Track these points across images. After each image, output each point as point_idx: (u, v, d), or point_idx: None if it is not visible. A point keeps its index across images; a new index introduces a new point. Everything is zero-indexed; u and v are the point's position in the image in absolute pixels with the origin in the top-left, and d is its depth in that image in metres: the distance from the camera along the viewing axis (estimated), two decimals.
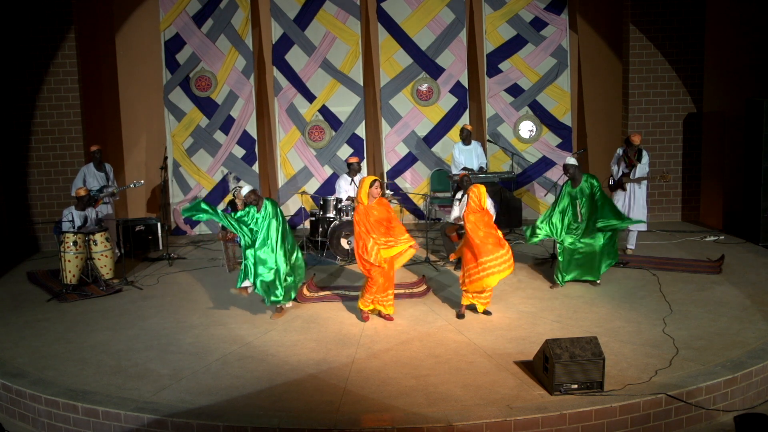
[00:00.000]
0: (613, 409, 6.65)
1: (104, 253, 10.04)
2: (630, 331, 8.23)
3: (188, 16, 12.72)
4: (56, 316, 9.15)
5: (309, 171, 13.07)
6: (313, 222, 11.44)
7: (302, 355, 7.88)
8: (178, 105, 12.80)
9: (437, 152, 13.07)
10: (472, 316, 8.82)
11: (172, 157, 12.84)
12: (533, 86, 13.07)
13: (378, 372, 7.44)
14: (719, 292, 9.35)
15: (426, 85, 13.04)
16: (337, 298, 9.50)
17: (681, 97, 12.52)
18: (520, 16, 13.00)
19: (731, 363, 7.36)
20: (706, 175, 12.71)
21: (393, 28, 12.99)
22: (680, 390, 6.85)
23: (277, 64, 12.96)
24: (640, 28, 12.31)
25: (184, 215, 8.67)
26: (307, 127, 12.99)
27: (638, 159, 10.67)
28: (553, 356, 6.82)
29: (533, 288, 9.70)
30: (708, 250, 11.04)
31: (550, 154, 13.10)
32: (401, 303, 9.10)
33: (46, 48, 11.73)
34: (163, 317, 9.04)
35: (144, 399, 6.99)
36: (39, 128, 11.89)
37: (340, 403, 6.84)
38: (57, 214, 10.69)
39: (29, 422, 7.25)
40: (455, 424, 6.40)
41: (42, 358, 7.93)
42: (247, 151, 12.85)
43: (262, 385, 7.21)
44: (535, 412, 6.54)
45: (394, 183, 13.07)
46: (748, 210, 11.50)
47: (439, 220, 12.36)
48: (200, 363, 7.74)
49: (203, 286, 10.14)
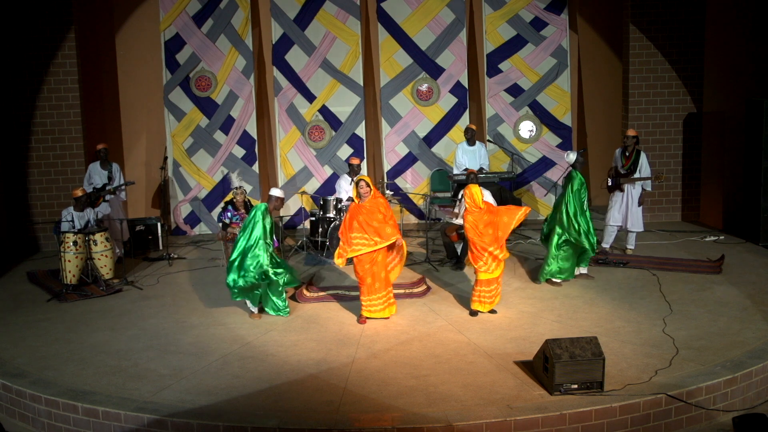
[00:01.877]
0: (613, 409, 6.65)
1: (104, 253, 10.04)
2: (630, 331, 8.23)
3: (188, 16, 12.72)
4: (56, 316, 9.15)
5: (309, 171, 13.07)
6: (313, 222, 11.44)
7: (302, 355, 7.88)
8: (178, 105, 12.80)
9: (437, 152, 13.07)
10: (472, 316, 8.82)
11: (172, 157, 12.84)
12: (533, 86, 13.07)
13: (378, 372, 7.44)
14: (719, 292, 9.35)
15: (426, 85, 13.04)
16: (336, 298, 9.50)
17: (681, 97, 12.52)
18: (520, 16, 13.01)
19: (731, 363, 7.36)
20: (706, 175, 12.72)
21: (393, 28, 12.99)
22: (680, 390, 6.85)
23: (277, 64, 12.96)
24: (640, 28, 12.31)
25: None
26: (307, 127, 12.99)
27: (635, 161, 10.67)
28: (553, 356, 6.82)
29: (533, 288, 9.70)
30: (708, 250, 11.04)
31: (550, 154, 13.10)
32: (401, 303, 9.09)
33: (46, 48, 11.73)
34: (163, 317, 9.04)
35: (144, 399, 6.98)
36: (39, 128, 11.89)
37: (340, 403, 6.84)
38: (57, 214, 10.69)
39: (29, 422, 7.25)
40: (455, 424, 6.40)
41: (42, 358, 7.93)
42: (247, 151, 12.85)
43: (262, 385, 7.21)
44: (535, 412, 6.54)
45: (394, 183, 13.07)
46: (748, 210, 11.50)
47: (439, 220, 12.36)
48: (200, 363, 7.74)
49: (203, 286, 10.14)
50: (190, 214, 12.90)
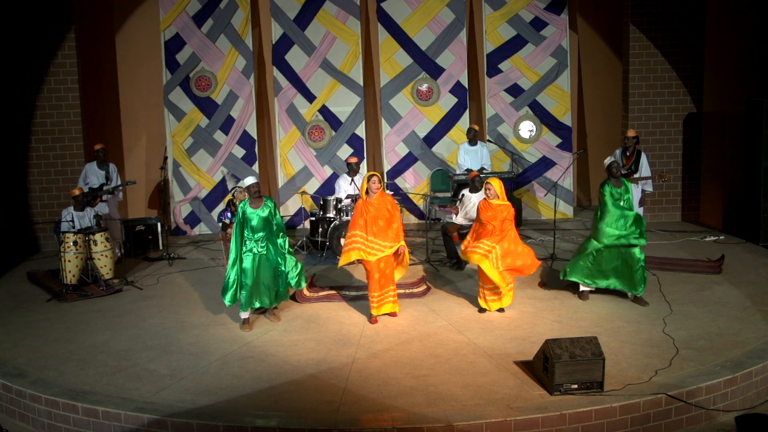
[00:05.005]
0: (613, 409, 6.65)
1: (104, 253, 10.04)
2: (630, 331, 8.23)
3: (188, 16, 12.72)
4: (56, 316, 9.15)
5: (309, 171, 13.07)
6: (313, 222, 11.44)
7: (302, 355, 7.89)
8: (178, 105, 12.80)
9: (437, 152, 13.07)
10: (472, 316, 8.83)
11: (172, 157, 12.84)
12: (533, 86, 13.07)
13: (378, 372, 7.44)
14: (719, 292, 9.35)
15: (426, 85, 13.04)
16: (337, 298, 9.50)
17: (681, 97, 12.52)
18: (520, 16, 13.01)
19: (731, 363, 7.36)
20: (706, 175, 12.71)
21: (393, 28, 12.99)
22: (680, 390, 6.85)
23: (277, 64, 12.96)
24: (640, 28, 12.31)
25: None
26: (307, 127, 12.99)
27: (636, 161, 10.67)
28: (553, 356, 6.82)
29: (533, 288, 9.70)
30: (708, 250, 11.04)
31: (550, 154, 13.10)
32: (401, 303, 9.09)
33: (46, 48, 11.73)
34: (163, 317, 9.04)
35: (144, 399, 6.99)
36: (39, 128, 11.89)
37: (340, 403, 6.84)
38: (57, 214, 10.69)
39: (29, 422, 7.25)
40: (455, 424, 6.40)
41: (42, 358, 7.93)
42: (247, 151, 12.85)
43: (262, 385, 7.21)
44: (535, 412, 6.54)
45: (394, 183, 13.08)
46: (748, 210, 11.50)
47: (439, 220, 12.36)
48: (200, 363, 7.74)
49: (203, 286, 10.14)
50: (190, 214, 12.90)
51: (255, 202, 8.45)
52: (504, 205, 8.76)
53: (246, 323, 8.63)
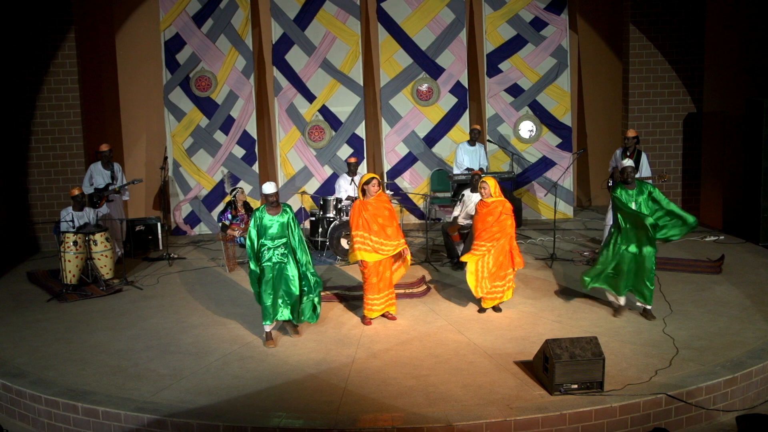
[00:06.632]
0: (613, 409, 6.65)
1: (104, 253, 10.04)
2: (630, 331, 8.23)
3: (188, 16, 12.72)
4: (56, 316, 9.15)
5: (309, 171, 13.07)
6: (313, 222, 11.44)
7: (302, 355, 7.88)
8: (178, 105, 12.80)
9: (437, 152, 13.07)
10: (472, 316, 8.83)
11: (172, 157, 12.84)
12: (533, 86, 13.07)
13: (378, 372, 7.44)
14: (719, 292, 9.35)
15: (426, 85, 13.04)
16: (337, 298, 9.49)
17: (681, 97, 12.52)
18: (520, 16, 13.00)
19: (731, 363, 7.35)
20: (706, 175, 12.71)
21: (393, 28, 12.99)
22: (680, 390, 6.85)
23: (277, 64, 12.95)
24: (640, 28, 12.31)
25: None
26: (307, 127, 12.99)
27: (636, 161, 10.66)
28: (553, 356, 6.82)
29: (533, 288, 9.70)
30: (708, 250, 11.04)
31: (550, 154, 13.10)
32: (401, 303, 9.09)
33: (46, 48, 11.72)
34: (163, 317, 9.04)
35: (144, 399, 6.98)
36: (39, 128, 11.89)
37: (340, 403, 6.84)
38: (57, 214, 10.68)
39: (29, 422, 7.24)
40: (455, 424, 6.40)
41: (42, 358, 7.93)
42: (247, 151, 12.85)
43: (262, 385, 7.21)
44: (535, 412, 6.54)
45: (394, 183, 13.08)
46: (748, 210, 11.50)
47: (439, 220, 12.36)
48: (200, 363, 7.74)
49: (203, 286, 10.14)
50: (190, 214, 12.90)
51: (273, 209, 8.21)
52: (498, 201, 8.79)
53: (270, 339, 8.15)
